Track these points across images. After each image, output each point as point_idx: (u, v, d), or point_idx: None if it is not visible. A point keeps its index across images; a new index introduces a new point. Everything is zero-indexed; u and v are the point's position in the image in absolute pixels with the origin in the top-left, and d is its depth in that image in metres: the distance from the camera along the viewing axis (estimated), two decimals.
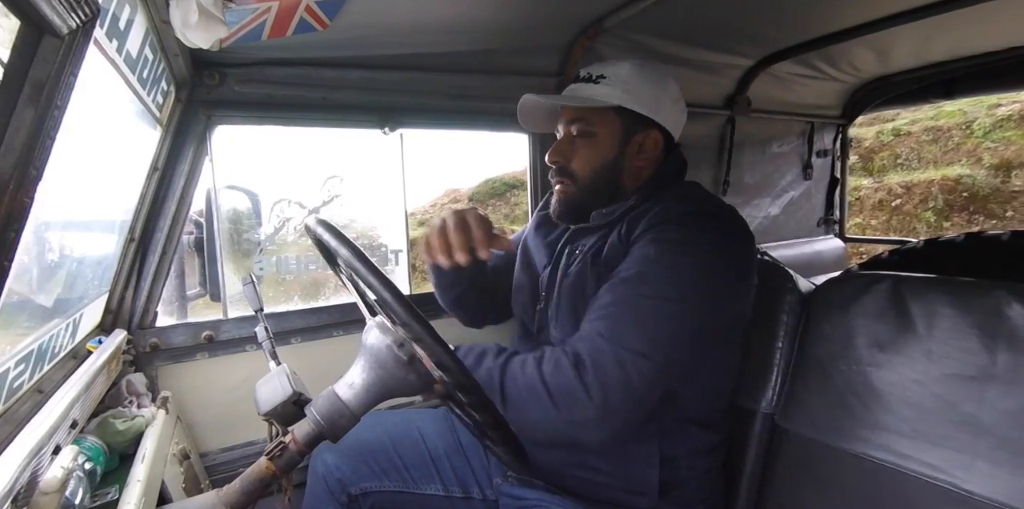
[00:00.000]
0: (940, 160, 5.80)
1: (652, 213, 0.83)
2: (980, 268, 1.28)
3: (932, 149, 5.94)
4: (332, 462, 0.97)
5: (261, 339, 0.81)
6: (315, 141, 1.42)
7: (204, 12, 0.68)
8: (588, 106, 0.91)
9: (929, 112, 6.34)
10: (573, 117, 0.93)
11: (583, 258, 0.90)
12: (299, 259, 1.44)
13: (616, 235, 0.87)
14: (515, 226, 7.05)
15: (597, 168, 0.92)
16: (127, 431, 0.87)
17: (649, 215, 0.83)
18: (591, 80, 0.92)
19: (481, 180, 8.78)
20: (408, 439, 1.02)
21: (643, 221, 0.83)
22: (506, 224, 7.72)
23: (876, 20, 1.39)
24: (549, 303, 0.94)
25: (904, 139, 6.25)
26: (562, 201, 0.95)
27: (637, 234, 0.83)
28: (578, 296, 0.88)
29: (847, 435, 0.88)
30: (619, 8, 1.19)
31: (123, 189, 0.96)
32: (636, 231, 0.83)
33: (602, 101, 0.89)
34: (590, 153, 0.92)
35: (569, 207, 0.95)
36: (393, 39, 1.13)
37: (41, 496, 0.55)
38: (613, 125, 0.91)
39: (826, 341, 0.95)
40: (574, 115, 0.93)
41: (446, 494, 0.97)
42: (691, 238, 0.79)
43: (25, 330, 0.68)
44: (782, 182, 2.23)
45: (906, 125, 6.39)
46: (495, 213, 8.33)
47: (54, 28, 0.47)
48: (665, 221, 0.81)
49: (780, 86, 1.88)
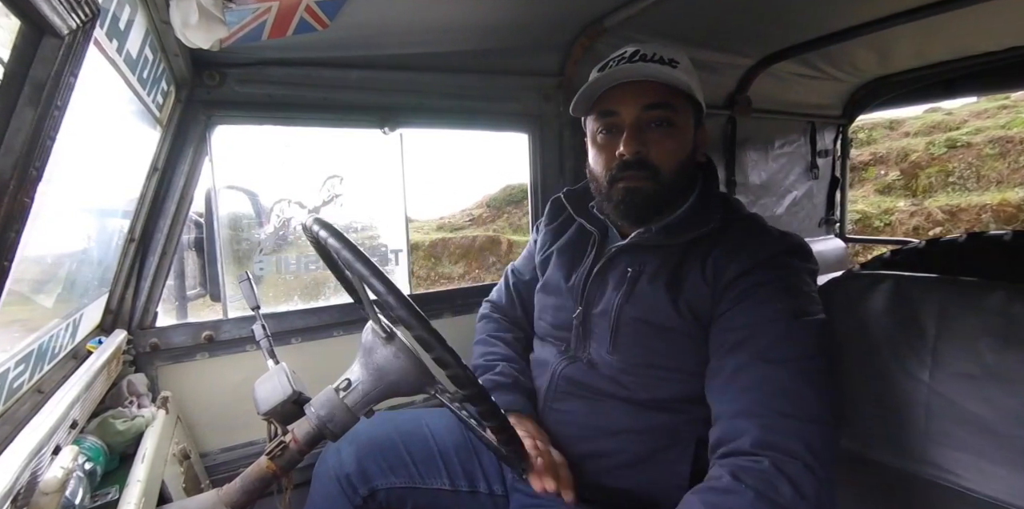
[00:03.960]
0: (1006, 180, 4.60)
1: (744, 254, 0.78)
2: (982, 268, 1.28)
3: (997, 166, 4.74)
4: (344, 461, 0.96)
5: (259, 337, 0.81)
6: (315, 141, 1.42)
7: (204, 12, 0.68)
8: (681, 91, 0.82)
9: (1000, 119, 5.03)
10: (657, 102, 0.82)
11: (652, 282, 0.83)
12: (299, 259, 1.44)
13: (698, 271, 0.80)
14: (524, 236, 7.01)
15: (681, 161, 0.84)
16: (127, 431, 0.87)
17: (740, 255, 0.78)
18: (666, 63, 0.82)
19: (502, 186, 8.82)
20: (417, 435, 1.01)
21: (733, 263, 0.78)
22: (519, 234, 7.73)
23: (876, 20, 1.39)
24: (591, 321, 0.89)
25: (961, 152, 5.04)
26: (635, 199, 0.84)
27: (732, 279, 0.77)
28: (646, 324, 0.83)
29: (848, 435, 0.88)
30: (619, 8, 1.19)
31: (123, 189, 0.96)
32: (727, 275, 0.78)
33: (693, 89, 0.82)
34: (674, 144, 0.84)
35: (643, 206, 0.85)
36: (393, 39, 1.13)
37: (41, 496, 0.55)
38: (690, 116, 0.85)
39: None
40: (658, 99, 0.82)
41: (452, 488, 0.96)
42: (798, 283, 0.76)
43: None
44: (786, 182, 2.23)
45: (967, 135, 5.14)
46: (510, 219, 8.29)
47: (54, 28, 0.47)
48: (766, 266, 0.77)
49: (781, 86, 1.88)
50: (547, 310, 1.00)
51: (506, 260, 7.32)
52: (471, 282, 7.20)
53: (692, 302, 0.80)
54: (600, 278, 0.90)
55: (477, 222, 8.61)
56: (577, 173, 1.62)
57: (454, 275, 7.27)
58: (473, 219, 8.69)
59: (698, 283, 0.80)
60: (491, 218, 8.65)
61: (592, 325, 0.90)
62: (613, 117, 0.86)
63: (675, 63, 0.83)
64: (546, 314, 1.00)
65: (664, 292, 0.82)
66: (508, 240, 7.53)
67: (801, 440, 0.65)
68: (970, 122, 5.48)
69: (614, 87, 0.85)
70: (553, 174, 1.61)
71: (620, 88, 0.85)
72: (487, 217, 8.68)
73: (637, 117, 0.83)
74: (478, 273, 7.29)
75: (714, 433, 0.72)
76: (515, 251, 7.39)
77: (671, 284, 0.82)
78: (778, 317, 0.73)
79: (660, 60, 0.83)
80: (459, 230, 8.32)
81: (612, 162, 0.85)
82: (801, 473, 0.62)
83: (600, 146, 0.89)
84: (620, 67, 0.85)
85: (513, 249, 7.41)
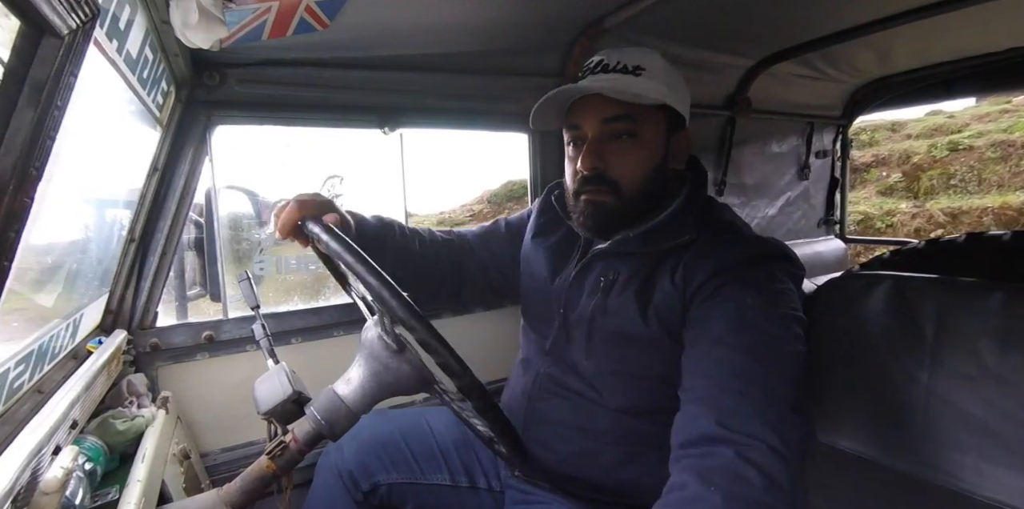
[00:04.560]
0: (1007, 183, 4.64)
1: (715, 258, 0.76)
2: (981, 268, 1.28)
3: (998, 169, 4.76)
4: (347, 458, 0.97)
5: (259, 337, 0.81)
6: (315, 141, 1.42)
7: (204, 12, 0.68)
8: (640, 102, 0.79)
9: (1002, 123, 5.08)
10: (616, 114, 0.80)
11: (623, 292, 0.82)
12: (299, 259, 1.44)
13: (668, 278, 0.79)
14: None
15: (646, 174, 0.82)
16: (127, 431, 0.87)
17: (710, 259, 0.76)
18: (629, 71, 0.80)
19: (503, 182, 8.81)
20: (417, 432, 1.02)
21: (703, 267, 0.76)
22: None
23: (876, 20, 1.39)
24: (570, 324, 0.89)
25: (963, 155, 5.07)
26: (597, 213, 0.83)
27: (701, 283, 0.75)
28: (619, 335, 0.82)
29: (849, 435, 0.88)
30: (619, 8, 1.19)
31: (123, 189, 0.96)
32: (697, 279, 0.76)
33: (656, 98, 0.78)
34: (637, 157, 0.81)
35: (605, 220, 0.83)
36: (393, 39, 1.13)
37: (41, 496, 0.55)
38: (658, 124, 0.82)
39: (827, 341, 0.94)
40: (617, 112, 0.79)
41: (452, 484, 0.97)
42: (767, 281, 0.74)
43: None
44: (780, 183, 2.23)
45: (969, 138, 5.18)
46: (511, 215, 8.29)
47: (54, 28, 0.47)
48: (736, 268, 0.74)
49: (780, 86, 1.88)
50: (532, 301, 1.00)
51: None
52: None
53: (660, 309, 0.79)
54: (578, 283, 0.90)
55: (478, 217, 8.61)
56: None
57: None
58: (474, 214, 8.68)
59: (667, 289, 0.79)
60: (492, 213, 8.64)
61: (571, 329, 0.90)
62: (577, 131, 0.85)
63: (639, 70, 0.80)
64: (531, 303, 1.00)
65: (633, 302, 0.80)
66: None
67: (761, 421, 0.60)
68: (972, 125, 5.46)
69: (579, 99, 0.83)
70: (553, 174, 1.61)
71: (583, 101, 0.83)
72: (488, 212, 8.67)
73: (598, 131, 0.81)
74: None
75: (676, 421, 0.69)
76: None
77: (640, 294, 0.81)
78: (740, 308, 0.71)
79: (623, 69, 0.81)
80: (460, 225, 8.33)
81: (576, 176, 0.84)
82: (766, 457, 0.57)
83: (569, 159, 0.88)
84: (583, 79, 0.84)
85: None
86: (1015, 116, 5.28)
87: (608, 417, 0.85)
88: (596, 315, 0.84)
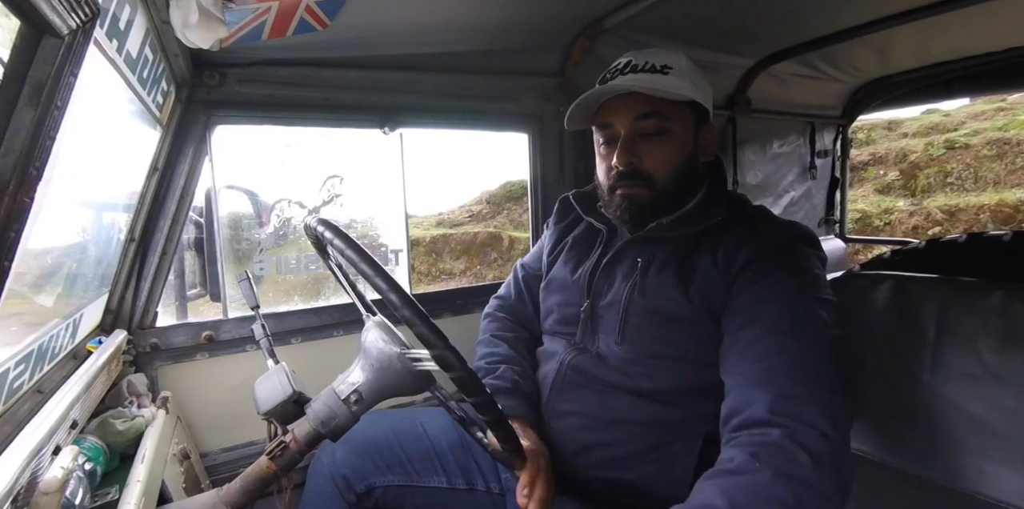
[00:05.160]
0: (1003, 181, 4.72)
1: (754, 240, 0.80)
2: (982, 268, 1.28)
3: (994, 167, 4.86)
4: (339, 461, 0.96)
5: (258, 337, 0.81)
6: (315, 141, 1.42)
7: (204, 12, 0.68)
8: (672, 99, 0.84)
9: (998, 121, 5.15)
10: (647, 111, 0.84)
11: (662, 271, 0.85)
12: (299, 259, 1.44)
13: (709, 259, 0.82)
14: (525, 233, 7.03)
15: (679, 167, 0.87)
16: (127, 431, 0.87)
17: (750, 242, 0.80)
18: (658, 70, 0.85)
19: (502, 183, 8.84)
20: (411, 434, 1.01)
21: (744, 250, 0.80)
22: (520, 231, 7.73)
23: (876, 20, 1.39)
24: (598, 312, 0.90)
25: (959, 153, 5.15)
26: (633, 206, 0.88)
27: (743, 265, 0.79)
28: (657, 314, 0.84)
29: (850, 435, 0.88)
30: (619, 8, 1.19)
31: (123, 189, 0.96)
32: (739, 261, 0.80)
33: (685, 95, 0.84)
34: (668, 152, 0.86)
35: (641, 212, 0.88)
36: (393, 39, 1.13)
37: (41, 496, 0.55)
38: (686, 120, 0.87)
39: None
40: (648, 109, 0.84)
41: (449, 486, 0.96)
42: (808, 266, 0.79)
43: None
44: (784, 182, 2.23)
45: (965, 136, 5.25)
46: (511, 216, 8.31)
47: (54, 28, 0.47)
48: (776, 251, 0.79)
49: (780, 86, 1.88)
50: (553, 307, 1.01)
51: (508, 256, 7.32)
52: (473, 278, 7.20)
53: (704, 290, 0.81)
54: (608, 271, 0.92)
55: (477, 218, 8.62)
56: (577, 173, 1.62)
57: (455, 271, 7.28)
58: (473, 215, 8.69)
59: (710, 271, 0.82)
60: (491, 214, 8.65)
61: (600, 317, 0.91)
62: (610, 129, 0.89)
63: (667, 69, 0.86)
64: (552, 312, 1.01)
65: (674, 281, 0.83)
66: (509, 236, 7.53)
67: (817, 407, 0.64)
68: (968, 124, 5.54)
69: (609, 99, 0.88)
70: (553, 174, 1.61)
71: (614, 100, 0.88)
72: (487, 213, 8.68)
73: (631, 128, 0.86)
74: (480, 269, 7.29)
75: (726, 405, 0.72)
76: (516, 247, 7.38)
77: (681, 273, 0.84)
78: (789, 294, 0.75)
79: (651, 68, 0.86)
80: (459, 226, 8.33)
81: (611, 172, 0.89)
82: (818, 442, 0.61)
83: (602, 156, 0.92)
84: (614, 80, 0.89)
85: (514, 245, 7.40)
86: (1010, 114, 5.35)
87: (636, 406, 0.85)
88: (634, 296, 0.87)
